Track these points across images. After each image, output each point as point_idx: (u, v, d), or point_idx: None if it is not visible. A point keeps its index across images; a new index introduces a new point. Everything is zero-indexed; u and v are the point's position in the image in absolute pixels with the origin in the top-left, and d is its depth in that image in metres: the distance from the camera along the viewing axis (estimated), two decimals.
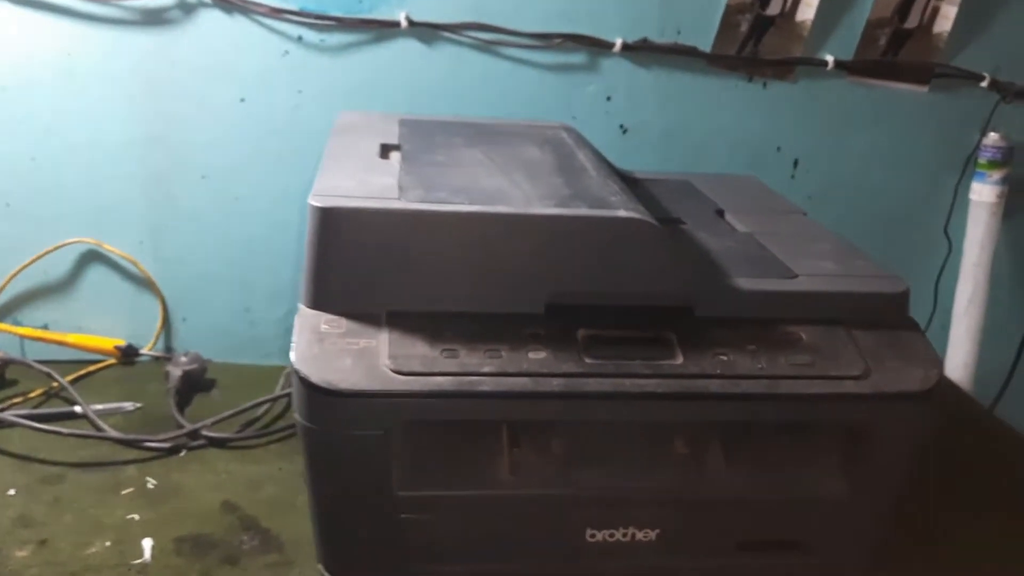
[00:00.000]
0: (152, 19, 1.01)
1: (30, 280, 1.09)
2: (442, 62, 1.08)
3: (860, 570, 0.71)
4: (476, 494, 0.64)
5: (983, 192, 1.21)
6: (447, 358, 0.61)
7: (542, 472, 0.65)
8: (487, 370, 0.61)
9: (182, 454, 0.93)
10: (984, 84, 1.18)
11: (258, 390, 1.02)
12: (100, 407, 0.98)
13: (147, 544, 0.79)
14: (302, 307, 0.64)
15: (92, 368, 1.07)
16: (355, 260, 0.63)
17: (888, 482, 0.68)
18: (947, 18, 1.14)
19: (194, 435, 0.95)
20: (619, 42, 1.09)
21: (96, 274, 1.11)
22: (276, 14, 1.03)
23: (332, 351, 0.61)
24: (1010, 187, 1.21)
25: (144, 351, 1.11)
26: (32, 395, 1.01)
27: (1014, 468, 1.02)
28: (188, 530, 0.81)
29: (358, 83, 1.07)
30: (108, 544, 0.79)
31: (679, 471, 0.66)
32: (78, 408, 0.97)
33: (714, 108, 1.15)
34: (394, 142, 0.82)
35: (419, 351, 0.61)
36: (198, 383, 1.06)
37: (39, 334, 1.08)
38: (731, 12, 1.10)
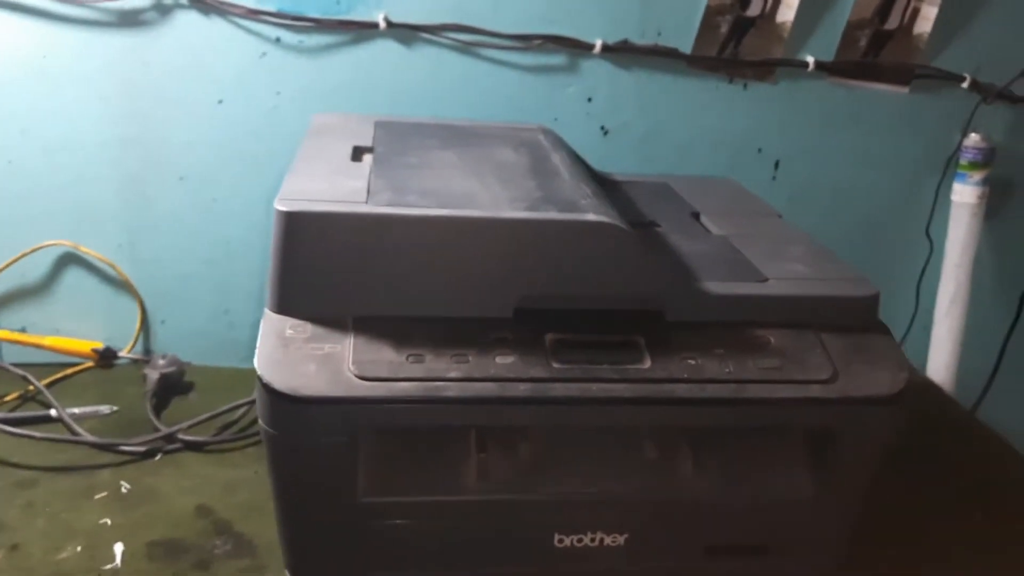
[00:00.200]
0: (127, 20, 1.01)
1: (7, 283, 1.08)
2: (422, 64, 1.07)
3: (827, 574, 0.71)
4: (442, 500, 0.64)
5: (964, 193, 1.21)
6: (413, 363, 0.61)
7: (510, 477, 0.64)
8: (453, 375, 0.61)
9: (157, 458, 0.93)
10: (965, 85, 1.18)
11: (236, 393, 1.01)
12: (76, 410, 0.98)
13: (118, 549, 0.79)
14: (267, 311, 0.64)
15: (69, 371, 1.07)
16: (321, 264, 0.63)
17: (855, 486, 0.68)
18: (927, 19, 1.14)
19: (170, 439, 0.94)
20: (599, 43, 1.09)
21: (73, 277, 1.10)
22: (253, 15, 1.02)
23: (296, 356, 0.60)
24: (991, 188, 1.21)
25: (122, 354, 1.10)
26: (8, 398, 1.00)
27: (993, 470, 1.02)
28: (160, 534, 0.81)
29: (337, 85, 1.06)
30: (79, 549, 0.78)
31: (648, 475, 0.66)
32: (53, 412, 0.96)
33: (695, 110, 1.14)
34: (367, 144, 0.82)
35: (384, 356, 0.61)
36: (176, 386, 1.05)
37: (16, 337, 1.07)
38: (711, 13, 1.10)
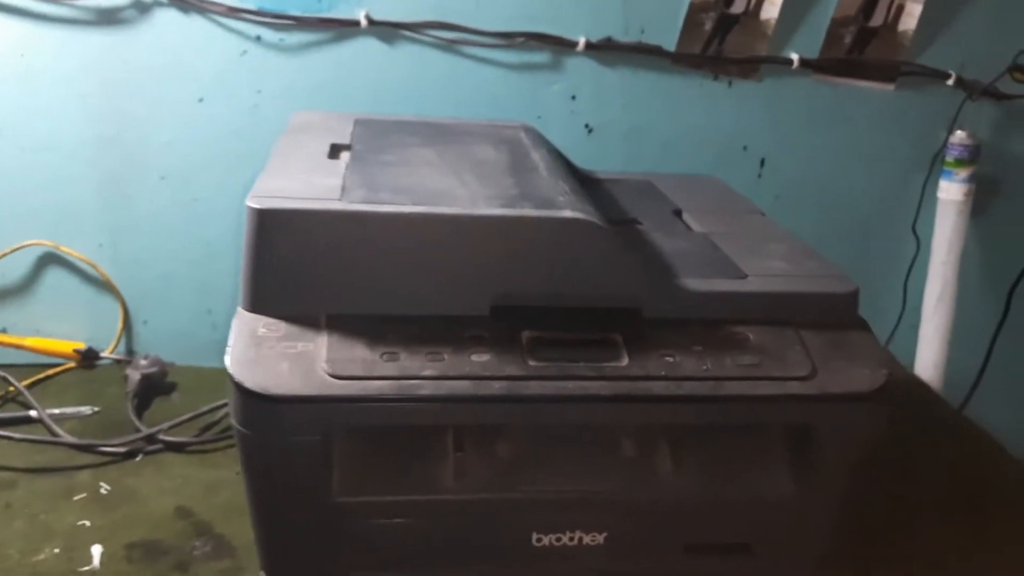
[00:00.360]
0: (106, 19, 1.00)
1: None
2: (404, 62, 1.07)
3: (808, 573, 0.71)
4: (419, 499, 0.63)
5: (951, 190, 1.21)
6: (387, 361, 0.60)
7: (487, 476, 0.64)
8: (428, 373, 0.60)
9: (138, 459, 0.92)
10: (950, 82, 1.17)
11: (219, 393, 1.00)
12: (56, 411, 0.97)
13: (96, 551, 0.78)
14: (240, 310, 0.63)
15: (51, 372, 1.06)
16: (294, 262, 0.62)
17: (836, 484, 0.67)
18: (912, 16, 1.14)
19: (151, 439, 0.94)
20: (583, 41, 1.08)
21: (54, 277, 1.09)
22: (233, 13, 1.01)
23: (269, 355, 0.60)
24: (977, 185, 1.21)
25: (104, 354, 1.10)
26: None
27: (981, 468, 1.02)
28: (140, 536, 0.80)
29: (318, 83, 1.06)
30: (57, 551, 0.78)
31: (627, 474, 0.65)
32: (34, 412, 0.95)
33: (679, 107, 1.14)
34: (345, 142, 0.81)
35: (358, 355, 0.60)
36: (158, 386, 1.04)
37: None
38: (695, 11, 1.09)
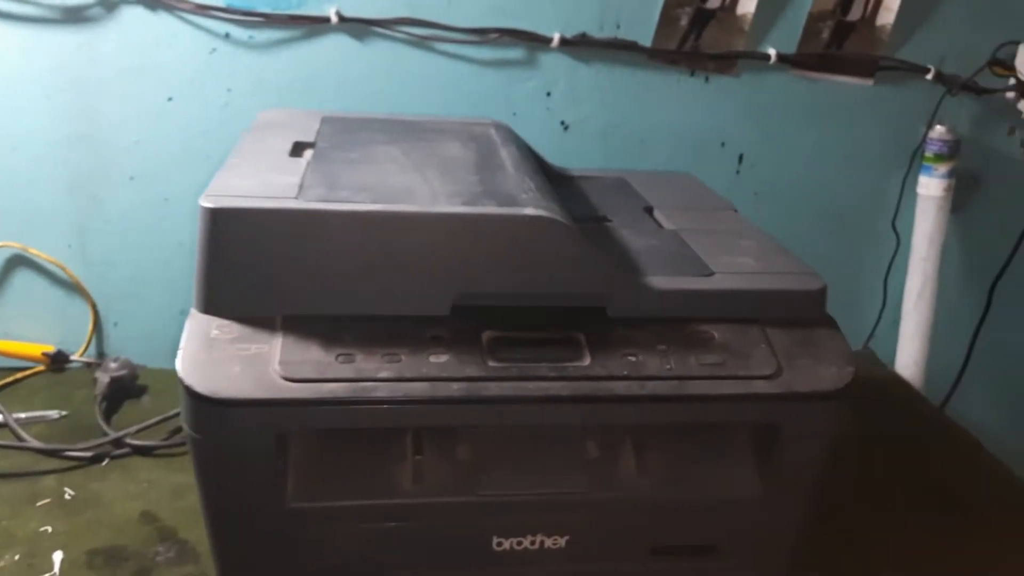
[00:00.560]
0: (73, 17, 0.99)
1: None
2: (376, 59, 1.06)
3: (777, 574, 0.69)
4: (376, 504, 0.62)
5: (930, 186, 1.20)
6: (342, 363, 0.59)
7: (446, 479, 0.63)
8: (383, 375, 0.59)
9: (104, 463, 0.91)
10: (929, 77, 1.16)
11: None
12: (23, 416, 0.96)
13: (57, 557, 0.77)
14: (193, 311, 0.62)
15: (20, 375, 1.05)
16: (248, 262, 0.61)
17: (803, 483, 0.66)
18: (890, 10, 1.13)
19: (118, 443, 0.93)
20: (557, 37, 1.07)
21: (23, 279, 1.08)
22: (202, 11, 1.00)
23: (221, 358, 0.58)
24: (957, 180, 1.20)
25: (74, 357, 1.08)
26: None
27: (960, 467, 1.01)
28: (102, 542, 0.79)
29: (289, 81, 1.04)
30: (17, 557, 0.76)
31: (589, 475, 0.64)
32: (0, 417, 0.94)
33: (656, 103, 1.13)
34: (310, 140, 0.80)
35: (313, 356, 0.59)
36: (128, 389, 1.03)
37: None
38: (671, 6, 1.08)
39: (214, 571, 0.72)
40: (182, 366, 0.58)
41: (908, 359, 1.25)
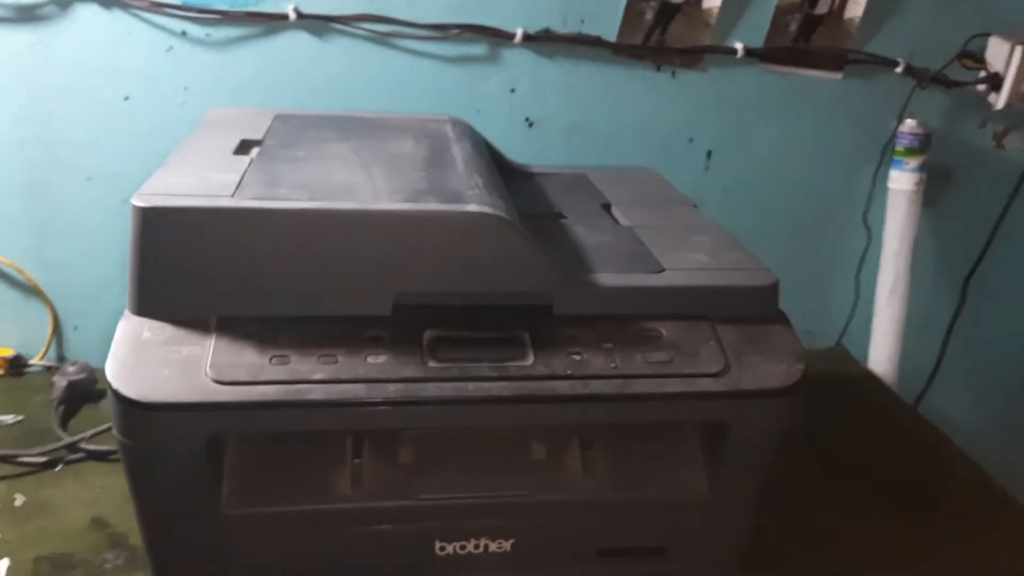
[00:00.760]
0: (25, 16, 0.97)
1: None
2: (336, 56, 1.04)
3: (729, 575, 0.68)
4: (314, 509, 0.60)
5: (901, 180, 1.18)
6: (276, 365, 0.58)
7: (387, 483, 0.61)
8: (318, 377, 0.58)
9: (58, 468, 0.90)
10: (899, 70, 1.15)
11: None
12: None
13: (2, 565, 0.75)
14: (127, 313, 0.60)
15: None
16: (181, 263, 0.60)
17: (753, 482, 0.65)
18: (858, 3, 1.11)
19: (73, 448, 0.91)
20: (520, 32, 1.05)
21: None
22: (157, 8, 0.98)
23: (151, 360, 0.57)
24: (929, 174, 1.18)
25: (33, 361, 1.07)
26: None
27: (930, 467, 1.00)
28: (51, 549, 0.78)
29: (247, 79, 1.03)
30: None
31: (533, 477, 0.63)
32: None
33: (622, 99, 1.11)
34: (258, 137, 0.78)
35: (246, 359, 0.58)
36: (87, 393, 1.01)
37: None
38: (635, 0, 1.07)
39: None
40: (111, 370, 0.56)
41: (881, 356, 1.23)
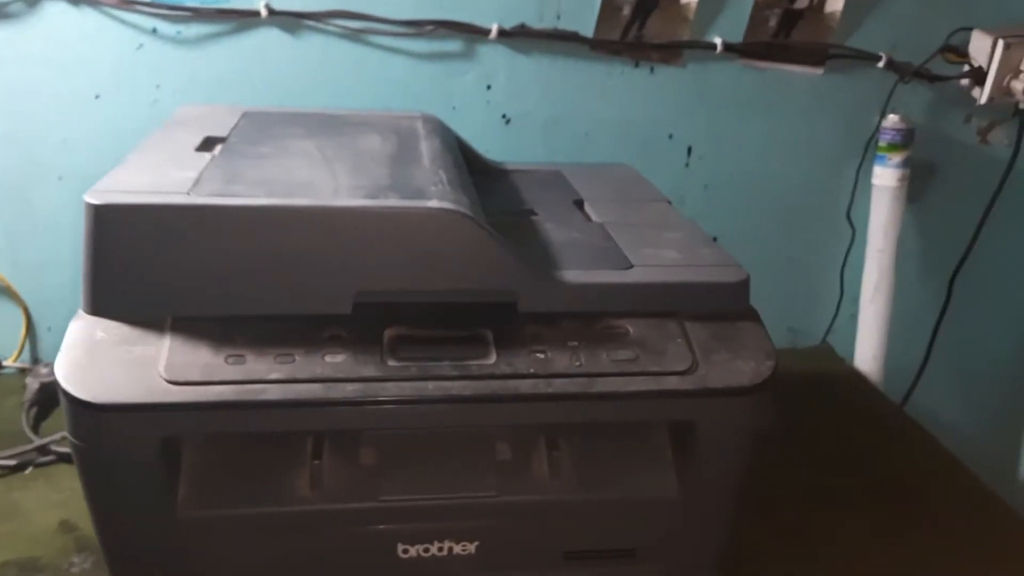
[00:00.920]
0: None
1: None
2: (310, 53, 1.03)
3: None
4: (272, 511, 0.59)
5: (885, 176, 1.17)
6: (232, 365, 0.57)
7: (347, 485, 0.60)
8: (274, 377, 0.56)
9: (28, 471, 0.88)
10: (881, 65, 1.14)
11: None
12: None
13: None
14: (80, 312, 0.59)
15: None
16: (136, 261, 0.58)
17: (723, 482, 0.63)
18: None
19: (43, 450, 0.90)
20: (495, 28, 1.04)
21: None
22: (126, 5, 0.97)
23: (103, 361, 0.56)
24: (912, 170, 1.17)
25: (7, 363, 1.05)
26: None
27: (914, 463, 0.99)
28: (16, 553, 0.77)
29: (219, 76, 1.01)
30: None
31: (498, 478, 0.62)
32: None
33: (600, 95, 1.10)
34: (222, 135, 0.77)
35: (201, 359, 0.57)
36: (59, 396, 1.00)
37: None
38: None
39: None
40: (61, 370, 0.55)
41: (867, 354, 1.22)
